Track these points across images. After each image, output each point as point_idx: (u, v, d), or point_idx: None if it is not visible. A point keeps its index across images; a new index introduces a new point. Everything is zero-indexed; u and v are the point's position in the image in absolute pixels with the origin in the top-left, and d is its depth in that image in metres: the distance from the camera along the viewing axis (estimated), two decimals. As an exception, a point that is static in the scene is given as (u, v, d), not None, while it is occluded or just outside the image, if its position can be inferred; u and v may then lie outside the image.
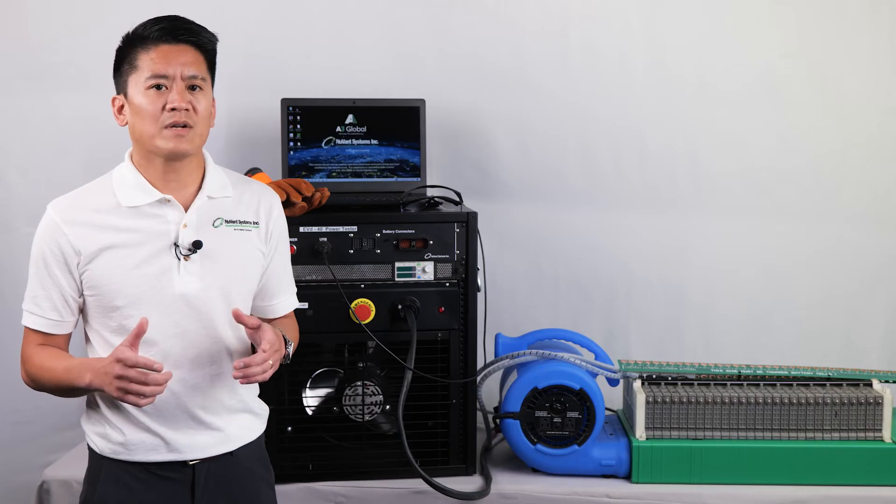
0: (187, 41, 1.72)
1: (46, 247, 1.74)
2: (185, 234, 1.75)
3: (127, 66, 1.73)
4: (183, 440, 1.77)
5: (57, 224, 1.73)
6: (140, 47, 1.71)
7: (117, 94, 1.76)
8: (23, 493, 2.60)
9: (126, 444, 1.76)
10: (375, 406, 2.29)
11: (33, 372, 1.77)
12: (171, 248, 1.74)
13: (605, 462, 2.31)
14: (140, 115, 1.71)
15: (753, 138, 2.77)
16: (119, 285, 1.72)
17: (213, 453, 1.81)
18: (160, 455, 1.77)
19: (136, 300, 1.72)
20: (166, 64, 1.69)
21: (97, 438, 1.79)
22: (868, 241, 2.80)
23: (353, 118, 2.53)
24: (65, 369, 1.71)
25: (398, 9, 2.74)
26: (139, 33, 1.72)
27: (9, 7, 2.69)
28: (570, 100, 2.76)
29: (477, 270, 2.31)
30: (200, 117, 1.72)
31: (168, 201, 1.75)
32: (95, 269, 1.72)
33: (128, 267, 1.72)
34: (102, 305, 1.74)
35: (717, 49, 2.75)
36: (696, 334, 2.83)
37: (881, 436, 2.29)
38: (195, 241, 1.74)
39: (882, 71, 2.76)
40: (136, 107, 1.71)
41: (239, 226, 1.81)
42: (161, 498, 1.78)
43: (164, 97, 1.69)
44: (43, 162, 2.73)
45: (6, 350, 2.73)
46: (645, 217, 2.81)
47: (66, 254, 1.72)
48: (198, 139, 1.74)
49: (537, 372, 2.31)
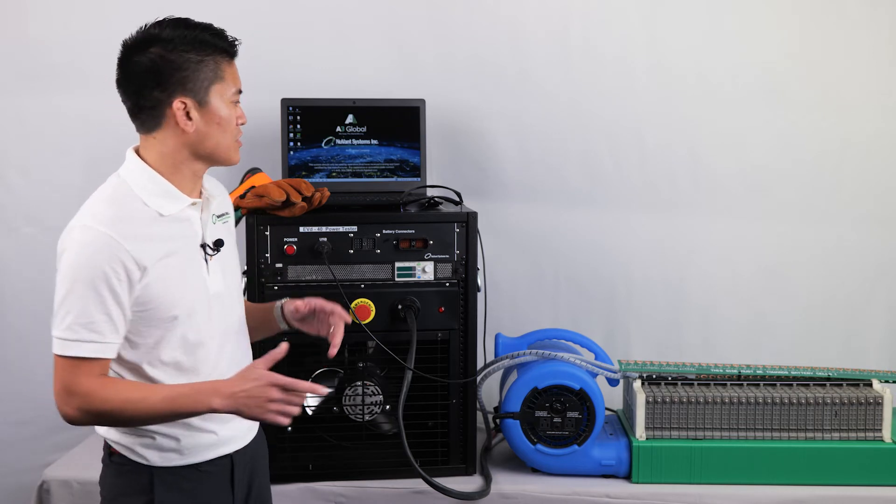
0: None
1: (108, 266, 1.60)
2: (209, 234, 1.78)
3: (209, 73, 1.68)
4: (230, 433, 1.80)
5: (113, 239, 1.61)
6: (221, 58, 1.71)
7: (173, 97, 1.67)
8: (23, 493, 2.60)
9: (180, 449, 1.75)
10: (375, 406, 2.29)
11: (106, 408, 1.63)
12: (200, 250, 1.76)
13: (605, 462, 2.31)
14: (222, 127, 1.72)
15: (753, 138, 2.77)
16: (175, 295, 1.68)
17: (248, 440, 1.86)
18: (213, 452, 1.79)
19: (191, 307, 1.71)
20: (239, 79, 1.75)
21: (145, 450, 1.74)
22: (868, 241, 2.80)
23: (353, 118, 2.53)
24: (165, 399, 1.63)
25: (398, 9, 2.74)
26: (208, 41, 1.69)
27: (9, 7, 2.69)
28: (571, 100, 2.76)
29: (477, 270, 2.31)
30: None
31: (194, 204, 1.76)
32: (152, 282, 1.65)
33: (178, 275, 1.70)
34: (157, 318, 1.68)
35: (717, 49, 2.75)
36: (696, 334, 2.83)
37: (881, 436, 2.29)
38: (217, 240, 1.78)
39: (882, 71, 2.76)
40: (219, 118, 1.71)
41: (225, 218, 1.86)
42: (210, 493, 1.80)
43: (236, 111, 1.75)
44: (43, 162, 2.73)
45: (6, 350, 2.73)
46: (645, 217, 2.81)
47: (129, 270, 1.62)
48: None
49: (537, 372, 2.31)
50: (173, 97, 1.67)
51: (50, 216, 2.72)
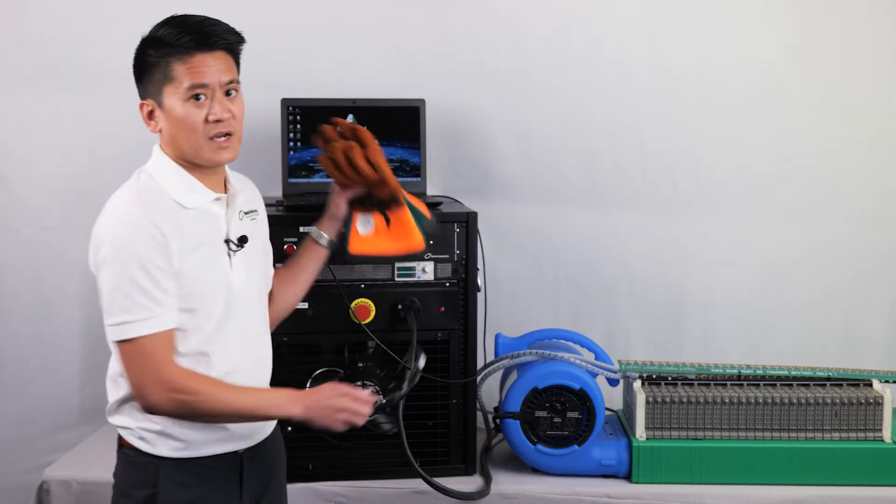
0: (219, 47, 1.70)
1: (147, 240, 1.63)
2: (234, 229, 1.78)
3: (160, 75, 1.68)
4: (240, 429, 1.79)
5: (149, 219, 1.64)
6: (174, 57, 1.67)
7: (144, 99, 1.72)
8: (23, 493, 2.60)
9: (189, 440, 1.75)
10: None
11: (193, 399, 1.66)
12: (224, 245, 1.76)
13: (605, 462, 2.31)
14: (181, 126, 1.69)
15: (753, 138, 2.77)
16: (200, 287, 1.71)
17: (261, 438, 1.85)
18: (220, 447, 1.78)
19: (211, 299, 1.72)
20: (204, 75, 1.68)
21: (155, 438, 1.74)
22: (868, 241, 2.80)
23: (353, 118, 2.52)
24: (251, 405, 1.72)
25: (398, 9, 2.74)
26: (168, 40, 1.67)
27: (9, 7, 2.69)
28: (571, 100, 2.76)
29: (477, 270, 2.31)
30: (238, 121, 1.74)
31: (219, 199, 1.77)
32: (184, 271, 1.68)
33: (202, 269, 1.72)
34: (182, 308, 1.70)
35: (717, 49, 2.75)
36: (696, 334, 2.83)
37: (881, 436, 2.29)
38: (241, 236, 1.78)
39: (882, 71, 2.76)
40: (175, 118, 1.69)
41: (252, 215, 1.86)
42: (216, 489, 1.79)
43: (205, 107, 1.69)
44: (43, 162, 2.72)
45: (6, 350, 2.73)
46: (645, 217, 2.80)
47: (170, 241, 1.65)
48: (237, 143, 1.76)
49: (537, 372, 2.31)
50: (143, 98, 1.72)
51: (50, 216, 2.72)
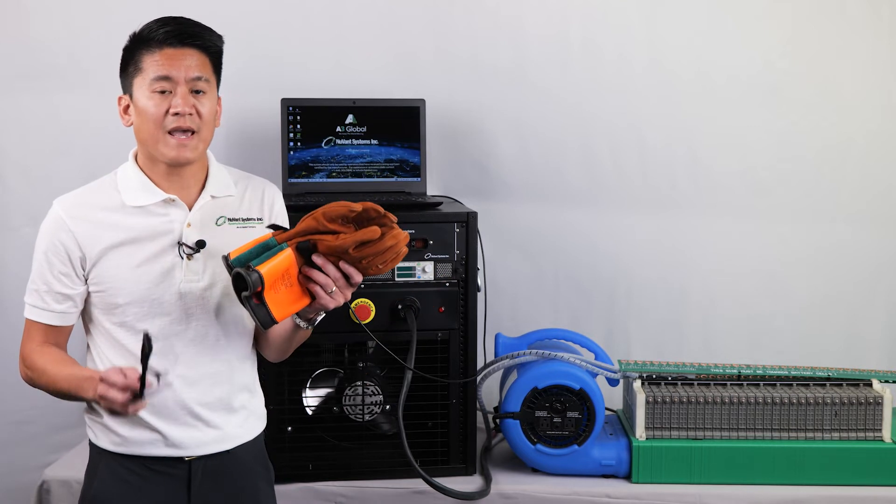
0: (192, 45, 1.72)
1: (50, 242, 1.74)
2: (188, 234, 1.76)
3: (132, 67, 1.73)
4: (181, 436, 1.78)
5: (63, 220, 1.74)
6: (145, 49, 1.71)
7: (123, 93, 1.77)
8: (23, 493, 2.60)
9: (121, 436, 1.77)
10: (375, 406, 2.29)
11: (32, 375, 1.77)
12: (174, 248, 1.75)
13: (605, 462, 2.31)
14: (144, 118, 1.71)
15: (753, 138, 2.77)
16: (123, 283, 1.73)
17: (212, 451, 1.81)
18: (157, 450, 1.78)
19: (139, 298, 1.74)
20: (170, 67, 1.69)
21: (98, 430, 1.80)
22: (868, 241, 2.80)
23: (353, 118, 2.53)
24: (67, 378, 1.71)
25: (398, 9, 2.74)
26: (144, 35, 1.72)
27: (9, 7, 2.69)
28: (570, 100, 2.76)
29: (477, 270, 2.30)
30: (204, 121, 1.73)
31: (173, 201, 1.76)
32: (101, 268, 1.73)
33: (132, 265, 1.73)
34: (106, 302, 1.75)
35: (716, 49, 2.75)
36: (696, 334, 2.83)
37: (881, 436, 2.29)
38: (198, 241, 1.76)
39: (881, 70, 2.75)
40: (140, 109, 1.71)
41: (242, 223, 1.83)
42: (157, 493, 1.79)
43: (169, 101, 1.70)
44: (43, 162, 2.72)
45: (6, 350, 2.73)
46: (645, 217, 2.80)
47: (69, 250, 1.73)
48: (201, 145, 1.75)
49: (537, 372, 2.31)
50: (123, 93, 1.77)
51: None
